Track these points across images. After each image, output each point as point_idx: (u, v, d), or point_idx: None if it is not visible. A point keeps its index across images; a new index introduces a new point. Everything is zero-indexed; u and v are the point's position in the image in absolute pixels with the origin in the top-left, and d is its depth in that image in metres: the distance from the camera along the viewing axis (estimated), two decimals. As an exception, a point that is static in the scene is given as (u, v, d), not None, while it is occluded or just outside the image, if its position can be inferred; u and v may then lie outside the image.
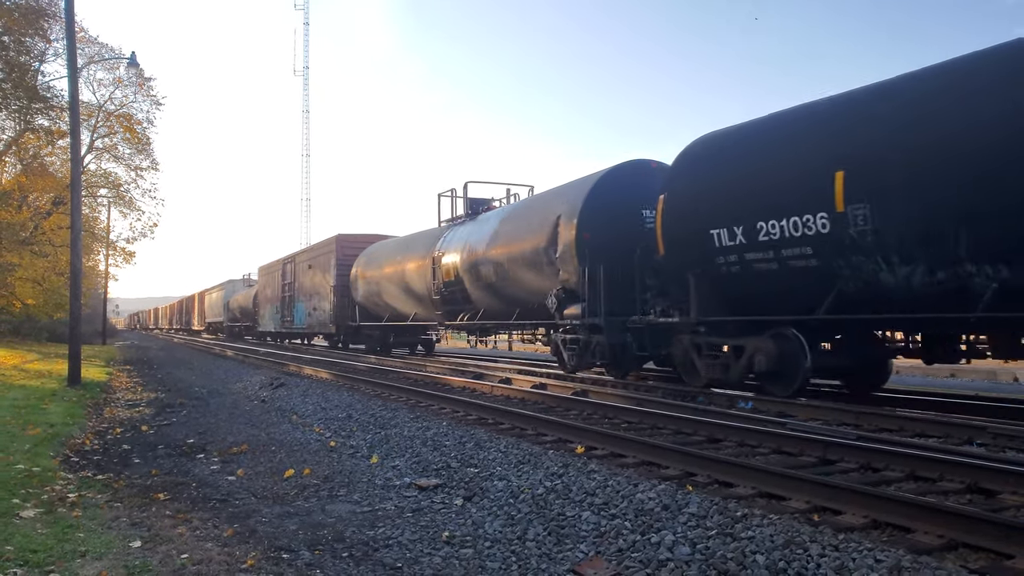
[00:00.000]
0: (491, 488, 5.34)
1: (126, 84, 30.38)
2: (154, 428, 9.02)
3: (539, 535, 4.31)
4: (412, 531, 4.50)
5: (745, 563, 3.58)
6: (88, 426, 8.93)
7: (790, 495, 4.77)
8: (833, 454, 5.95)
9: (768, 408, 8.85)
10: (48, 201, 30.68)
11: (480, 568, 3.85)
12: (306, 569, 3.83)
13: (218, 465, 6.71)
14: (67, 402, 10.80)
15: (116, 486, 5.72)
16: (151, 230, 33.92)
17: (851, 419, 7.90)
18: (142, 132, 31.48)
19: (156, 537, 4.30)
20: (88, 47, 28.33)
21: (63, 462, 6.60)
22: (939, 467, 5.22)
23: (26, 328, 33.87)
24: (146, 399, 12.50)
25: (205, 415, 10.30)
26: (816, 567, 3.45)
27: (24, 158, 28.91)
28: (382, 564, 3.93)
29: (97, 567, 3.74)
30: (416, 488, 5.55)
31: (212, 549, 4.10)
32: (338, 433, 8.26)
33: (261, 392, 13.01)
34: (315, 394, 11.65)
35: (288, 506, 5.18)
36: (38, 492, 5.27)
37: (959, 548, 3.79)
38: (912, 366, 14.60)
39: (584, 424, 7.64)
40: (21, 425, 8.15)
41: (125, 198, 33.24)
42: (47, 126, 26.92)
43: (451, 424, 7.96)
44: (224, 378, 16.60)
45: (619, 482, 4.99)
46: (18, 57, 23.83)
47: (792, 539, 3.73)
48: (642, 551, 3.89)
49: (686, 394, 10.34)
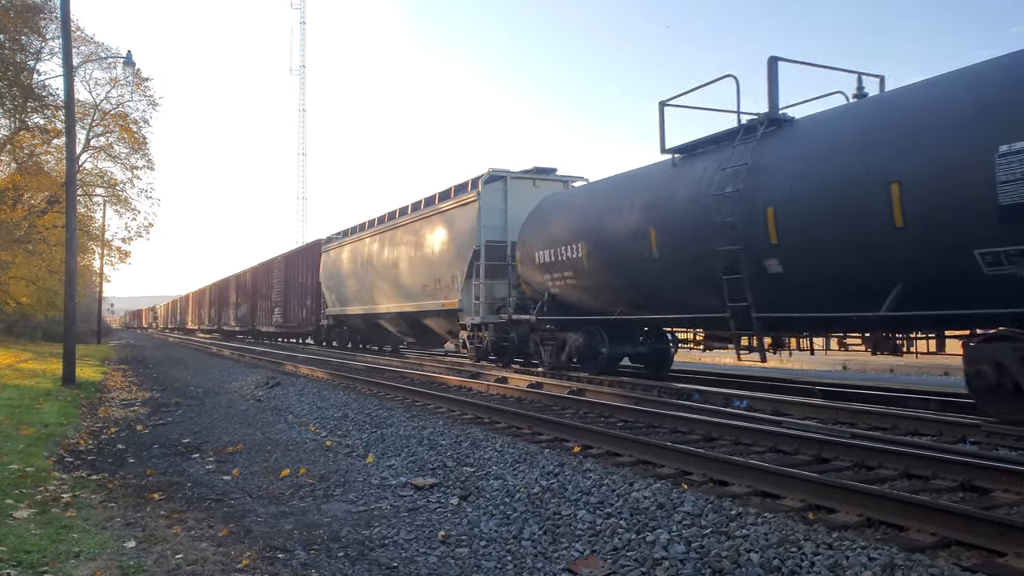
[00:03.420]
0: (487, 487, 5.35)
1: (122, 83, 30.36)
2: (149, 428, 9.00)
3: (535, 534, 4.32)
4: (408, 530, 4.50)
5: (740, 561, 3.59)
6: (82, 426, 8.91)
7: (785, 493, 4.78)
8: (828, 452, 5.96)
9: (763, 407, 8.87)
10: (43, 200, 30.62)
11: (476, 567, 3.85)
12: (301, 569, 3.83)
13: (213, 465, 6.70)
14: (61, 401, 10.77)
15: (110, 486, 5.71)
16: (146, 230, 33.92)
17: (846, 417, 7.93)
18: (138, 132, 31.46)
19: (151, 537, 4.30)
20: (84, 46, 28.27)
21: (57, 462, 6.59)
22: (932, 465, 5.24)
23: (20, 327, 33.81)
24: (141, 398, 12.48)
25: (200, 414, 10.29)
26: (810, 565, 3.46)
27: (19, 156, 28.82)
28: (378, 563, 3.94)
29: (91, 567, 3.73)
30: (412, 487, 5.56)
31: (207, 549, 4.10)
32: (334, 432, 8.26)
33: (257, 391, 12.99)
34: (311, 393, 11.64)
35: (283, 506, 5.18)
36: (32, 492, 5.25)
37: (952, 546, 3.80)
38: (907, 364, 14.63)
39: (580, 423, 7.64)
40: (15, 425, 8.13)
41: (120, 197, 33.24)
42: (42, 124, 26.86)
43: (447, 423, 7.96)
44: (220, 377, 16.58)
45: (614, 481, 5.00)
46: (13, 55, 23.77)
47: (786, 537, 3.74)
48: (637, 550, 3.90)
49: (681, 393, 10.37)
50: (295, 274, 31.09)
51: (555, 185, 16.52)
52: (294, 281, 31.13)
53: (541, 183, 16.47)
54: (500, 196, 16.15)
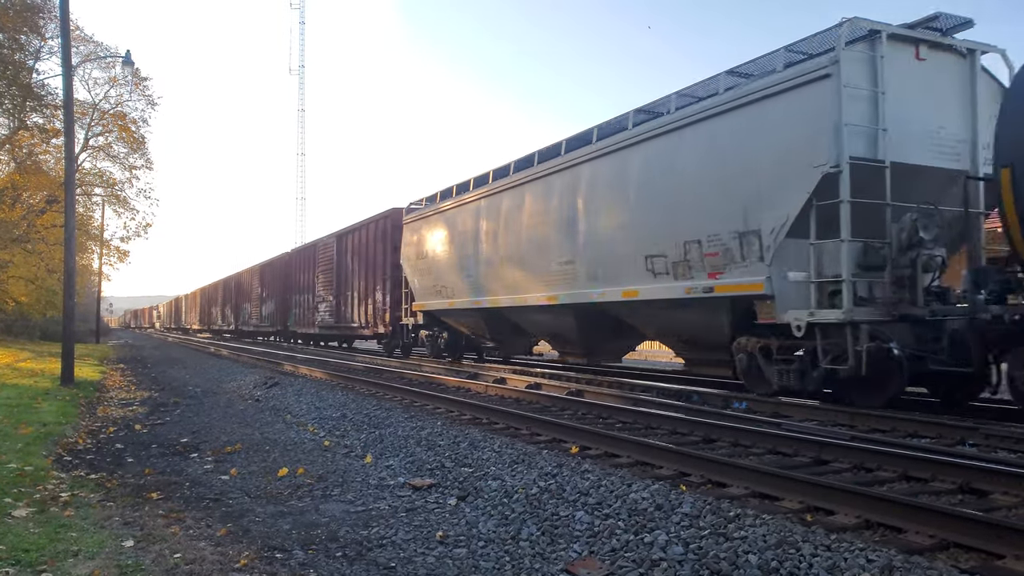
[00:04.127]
0: (485, 488, 5.34)
1: (121, 83, 30.34)
2: (147, 427, 8.99)
3: (533, 535, 4.32)
4: (406, 531, 4.49)
5: (738, 563, 3.59)
6: (81, 425, 8.90)
7: (783, 495, 4.78)
8: (827, 454, 5.97)
9: (763, 409, 8.87)
10: (42, 199, 30.60)
11: (474, 567, 3.85)
12: (299, 569, 3.83)
13: (212, 464, 6.69)
14: (60, 401, 10.76)
15: (109, 485, 5.70)
16: (145, 230, 33.85)
17: (845, 419, 7.93)
18: (137, 131, 31.46)
19: (149, 536, 4.29)
20: (83, 45, 28.26)
21: (56, 461, 6.58)
22: (931, 467, 5.24)
23: (19, 326, 33.76)
24: (139, 398, 12.46)
25: (199, 414, 10.28)
26: (808, 567, 3.46)
27: (18, 156, 28.82)
28: (376, 564, 3.93)
29: (90, 566, 3.73)
30: (410, 488, 5.55)
31: (205, 548, 4.09)
32: (332, 432, 8.25)
33: (255, 391, 12.98)
34: (309, 393, 11.63)
35: (282, 505, 5.17)
36: (30, 491, 5.25)
37: (950, 548, 3.80)
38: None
39: (578, 424, 7.64)
40: (13, 424, 8.12)
41: (119, 197, 33.18)
42: (41, 124, 26.85)
43: (445, 424, 7.96)
44: (218, 377, 16.56)
45: (613, 482, 5.00)
46: (13, 54, 23.76)
47: (785, 539, 3.74)
48: (635, 551, 3.90)
49: (680, 394, 10.36)
50: (355, 258, 23.83)
51: (946, 59, 8.98)
52: (354, 267, 23.93)
53: (931, 52, 8.89)
54: (867, 71, 8.52)
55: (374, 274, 22.19)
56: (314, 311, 27.97)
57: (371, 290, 22.38)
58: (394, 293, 20.68)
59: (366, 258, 23.01)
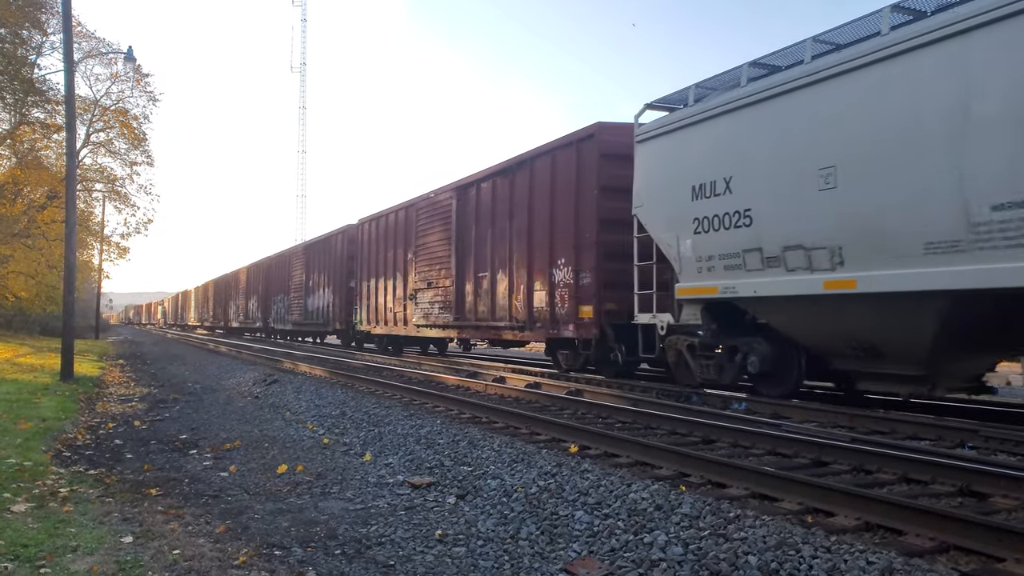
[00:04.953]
0: (484, 487, 5.34)
1: (123, 79, 30.36)
2: (147, 423, 8.99)
3: (532, 534, 4.31)
4: (405, 529, 4.49)
5: (737, 564, 3.58)
6: (80, 421, 8.90)
7: (783, 496, 4.77)
8: (827, 456, 5.96)
9: (763, 409, 8.86)
10: (42, 195, 30.60)
11: (473, 566, 3.85)
12: (298, 566, 3.82)
13: (211, 461, 6.69)
14: (59, 396, 10.75)
15: (108, 481, 5.70)
16: (145, 226, 33.89)
17: (845, 421, 7.92)
18: (138, 128, 31.45)
19: (148, 532, 4.29)
20: (85, 41, 28.27)
21: (55, 457, 6.57)
22: (931, 470, 5.24)
23: (18, 322, 33.79)
24: (139, 394, 12.47)
25: (198, 411, 10.28)
26: (808, 568, 3.45)
27: (19, 151, 28.82)
28: (375, 562, 3.93)
29: (88, 562, 3.72)
30: (409, 486, 5.55)
31: (204, 545, 4.09)
32: (331, 430, 8.24)
33: (255, 388, 12.98)
34: (308, 391, 11.63)
35: (280, 503, 5.17)
36: (29, 486, 5.24)
37: (951, 551, 3.80)
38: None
39: (578, 424, 7.63)
40: (12, 419, 8.11)
41: (120, 193, 33.22)
42: (43, 119, 26.84)
43: (445, 422, 7.95)
44: (217, 374, 16.56)
45: (612, 482, 4.99)
46: (14, 49, 23.74)
47: (784, 540, 3.73)
48: (635, 551, 3.90)
49: (680, 394, 10.36)
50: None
51: None
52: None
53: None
54: None
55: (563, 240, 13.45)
56: (411, 301, 27.48)
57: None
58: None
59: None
